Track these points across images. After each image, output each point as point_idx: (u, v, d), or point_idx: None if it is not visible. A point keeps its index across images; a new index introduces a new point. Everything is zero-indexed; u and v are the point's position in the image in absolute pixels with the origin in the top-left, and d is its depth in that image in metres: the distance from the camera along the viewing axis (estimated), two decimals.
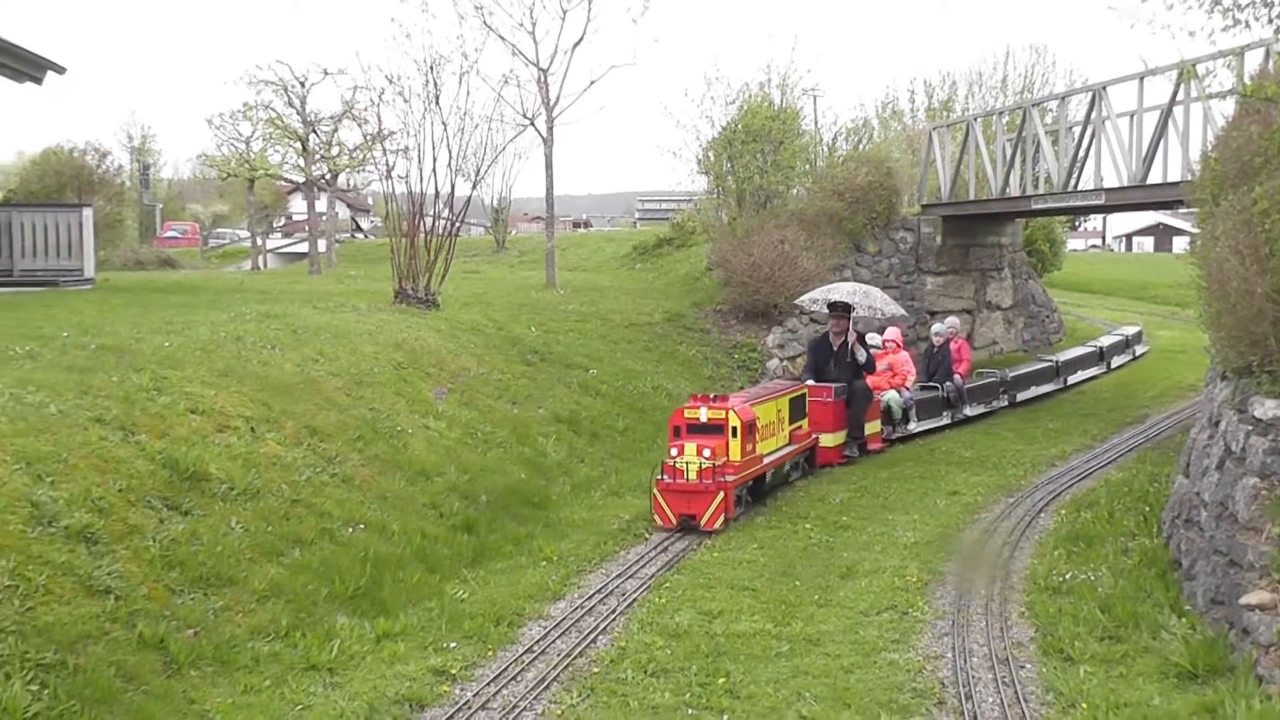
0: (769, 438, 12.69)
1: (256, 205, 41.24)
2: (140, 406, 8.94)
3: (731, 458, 11.40)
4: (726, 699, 6.64)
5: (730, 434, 11.42)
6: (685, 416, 11.56)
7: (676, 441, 11.40)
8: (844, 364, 15.24)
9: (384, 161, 21.04)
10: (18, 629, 5.66)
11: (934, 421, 17.53)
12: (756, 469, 12.06)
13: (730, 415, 11.45)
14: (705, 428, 11.45)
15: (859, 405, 15.19)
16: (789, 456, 13.34)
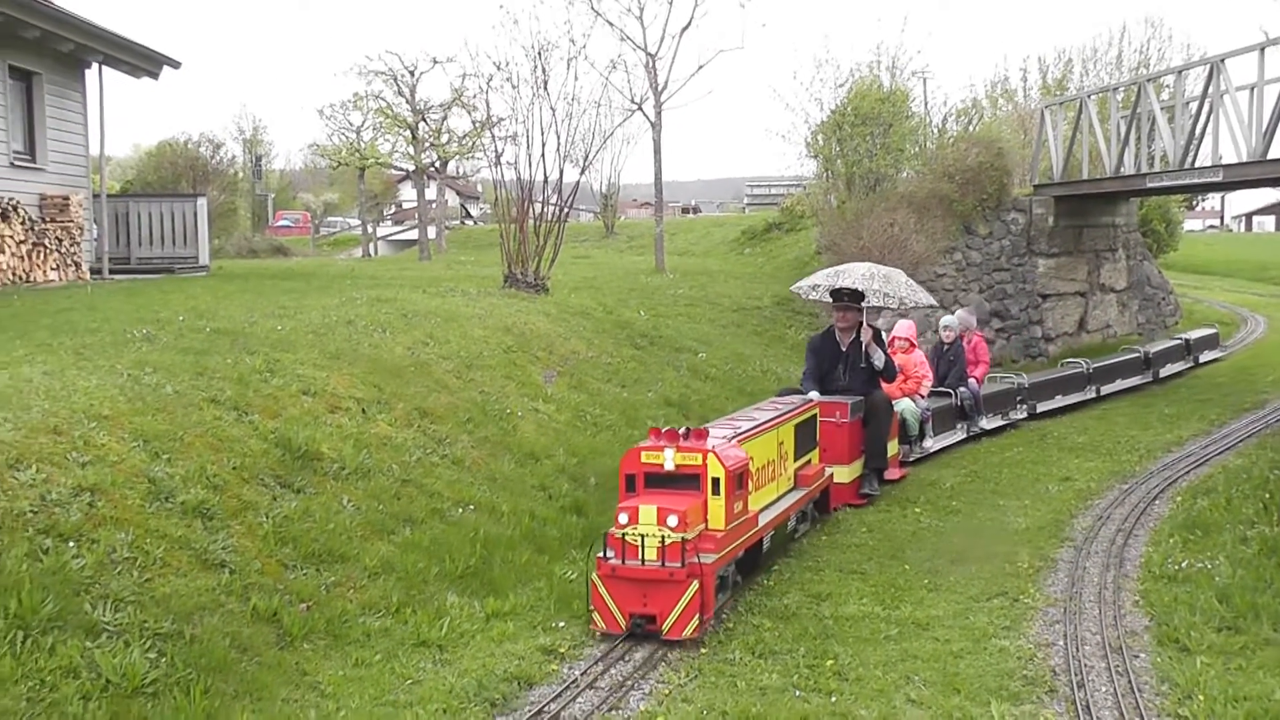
0: (768, 483, 9.18)
1: (367, 194, 42.06)
2: (254, 388, 9.23)
3: (712, 525, 7.72)
4: (835, 681, 6.67)
5: (710, 488, 7.71)
6: (643, 461, 7.83)
7: (629, 500, 7.68)
8: (856, 369, 12.12)
9: (493, 148, 21.30)
10: (136, 599, 5.92)
11: (948, 437, 14.76)
12: (749, 536, 8.29)
13: (710, 461, 7.74)
14: (672, 479, 7.78)
15: (880, 424, 12.01)
16: (796, 507, 9.72)
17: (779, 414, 9.82)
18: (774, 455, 9.41)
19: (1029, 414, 16.72)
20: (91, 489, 6.60)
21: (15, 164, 18.45)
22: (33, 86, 19.25)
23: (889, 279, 12.59)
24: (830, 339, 12.39)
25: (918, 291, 12.99)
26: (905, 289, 12.69)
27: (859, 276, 12.50)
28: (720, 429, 8.76)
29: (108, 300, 14.00)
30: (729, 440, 8.34)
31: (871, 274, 12.65)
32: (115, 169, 38.54)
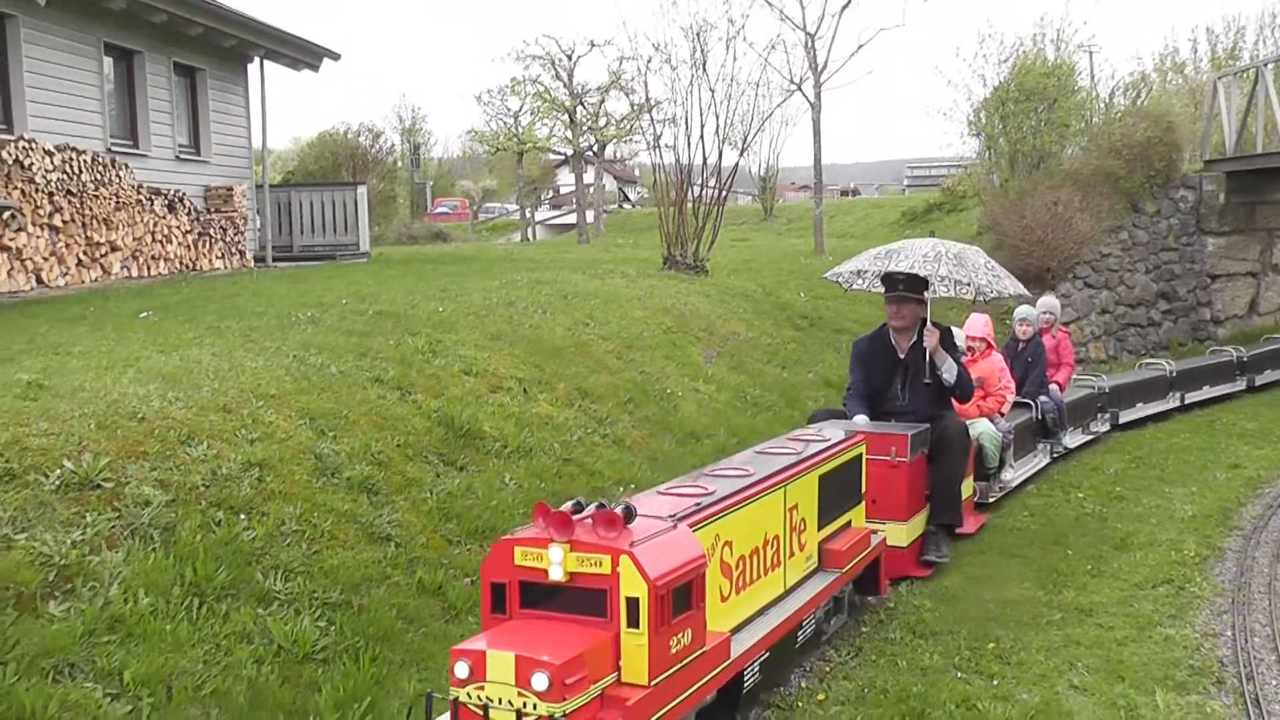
0: (762, 577, 6.03)
1: (524, 179, 42.69)
2: (416, 368, 9.51)
3: (627, 677, 4.63)
4: (996, 664, 6.62)
5: (624, 616, 4.61)
6: (517, 564, 4.78)
7: (482, 636, 4.69)
8: (919, 385, 9.06)
9: (651, 131, 21.48)
10: (305, 570, 6.17)
11: (1028, 464, 11.93)
12: (708, 680, 5.09)
13: (625, 569, 4.60)
14: (563, 596, 4.73)
15: (953, 462, 8.89)
16: (818, 602, 6.56)
17: (795, 461, 6.48)
18: (777, 528, 6.12)
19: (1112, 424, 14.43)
20: (260, 464, 6.89)
21: (180, 157, 19.28)
22: (196, 82, 20.09)
23: (961, 260, 9.29)
24: (884, 343, 9.31)
25: (1002, 277, 9.68)
26: (984, 273, 9.46)
27: (919, 257, 9.25)
28: (669, 498, 5.49)
29: (272, 286, 14.54)
30: (672, 524, 4.99)
31: (937, 254, 9.28)
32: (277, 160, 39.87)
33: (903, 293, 9.12)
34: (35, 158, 14.56)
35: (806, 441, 7.08)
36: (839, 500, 7.08)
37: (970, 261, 9.32)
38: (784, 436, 7.36)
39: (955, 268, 9.13)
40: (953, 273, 9.15)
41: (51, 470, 5.80)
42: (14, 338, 8.98)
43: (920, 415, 8.89)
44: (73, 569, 5.19)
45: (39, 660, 4.59)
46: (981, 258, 9.60)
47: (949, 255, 9.21)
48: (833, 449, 7.09)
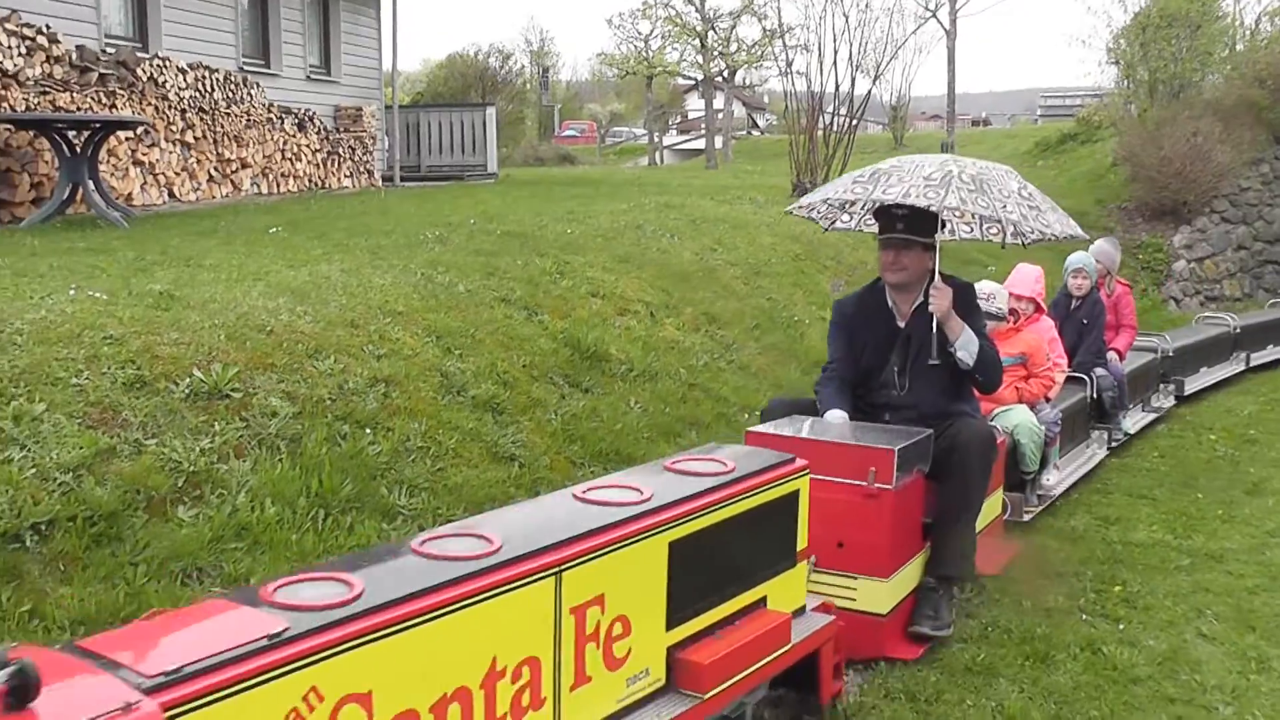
0: None
1: (654, 103, 42.47)
2: (543, 289, 9.50)
3: None
4: (1123, 608, 6.43)
5: None
6: None
7: None
8: (923, 369, 6.10)
9: (783, 57, 21.17)
10: (430, 486, 6.20)
11: (1078, 460, 9.26)
12: None
13: None
14: None
15: (966, 486, 5.91)
16: None
17: (611, 522, 3.60)
18: (530, 647, 3.23)
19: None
20: (386, 380, 6.93)
21: (311, 78, 19.48)
22: (329, 3, 20.23)
23: (982, 185, 6.11)
24: (877, 306, 6.35)
25: (1044, 210, 6.35)
26: (1018, 204, 6.21)
27: (919, 181, 6.04)
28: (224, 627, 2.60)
29: (400, 205, 14.66)
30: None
31: (946, 175, 6.06)
32: (406, 82, 40.09)
33: (903, 234, 5.99)
34: (169, 76, 14.81)
35: (682, 475, 4.12)
36: (735, 571, 4.20)
37: (996, 186, 6.12)
38: (662, 462, 4.42)
39: (973, 195, 5.93)
40: (969, 202, 5.90)
41: (181, 379, 5.89)
42: (148, 249, 9.15)
43: (926, 411, 5.95)
44: (201, 476, 5.26)
45: (168, 563, 4.67)
46: (1014, 181, 6.32)
47: (963, 177, 5.99)
48: (724, 491, 4.04)
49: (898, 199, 5.88)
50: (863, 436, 5.60)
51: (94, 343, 6.01)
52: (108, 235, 10.13)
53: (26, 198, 11.72)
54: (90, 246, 9.29)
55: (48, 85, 12.44)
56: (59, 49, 12.81)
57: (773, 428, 5.61)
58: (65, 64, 12.93)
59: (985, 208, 5.90)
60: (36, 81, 12.32)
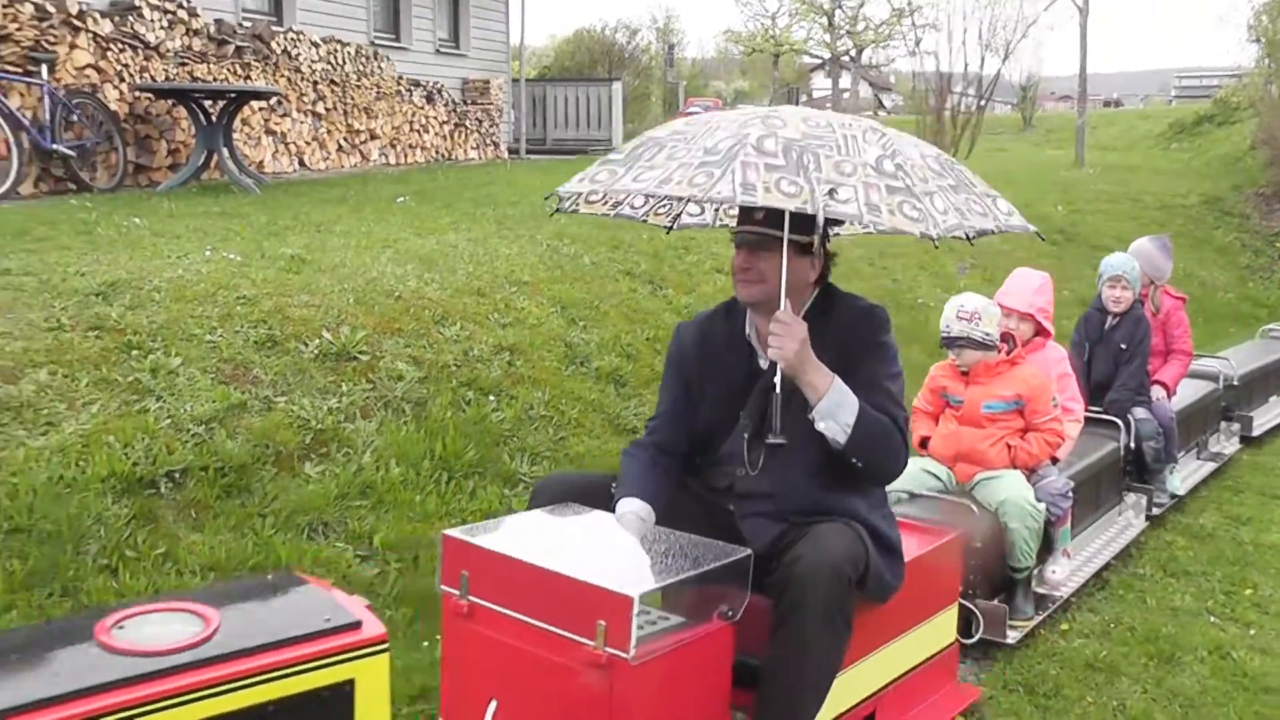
0: None
1: (779, 82, 42.24)
2: (668, 263, 9.52)
3: None
4: (1253, 612, 6.20)
5: None
6: None
7: None
8: (796, 432, 3.43)
9: (911, 36, 20.98)
10: (551, 455, 6.27)
11: (1101, 539, 6.74)
12: None
13: None
14: None
15: (806, 635, 3.28)
16: None
17: None
18: None
19: None
20: (511, 349, 7.01)
21: (440, 51, 19.71)
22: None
23: (803, 154, 3.23)
24: (727, 334, 3.83)
25: (935, 192, 3.37)
26: (871, 184, 3.22)
27: (697, 158, 3.25)
28: None
29: (525, 176, 14.79)
30: None
31: (736, 148, 3.22)
32: (533, 56, 40.37)
33: (758, 229, 3.57)
34: (302, 48, 15.13)
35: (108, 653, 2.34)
36: None
37: (828, 155, 3.28)
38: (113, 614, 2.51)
39: (777, 173, 3.17)
40: (771, 187, 3.14)
41: (311, 340, 6.02)
42: (280, 214, 9.35)
43: (786, 503, 3.62)
44: (328, 434, 5.38)
45: (295, 516, 4.79)
46: (873, 146, 3.41)
47: (763, 145, 3.24)
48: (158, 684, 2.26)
49: (649, 190, 3.33)
50: (612, 561, 3.23)
51: (228, 302, 6.17)
52: (240, 200, 10.38)
53: (164, 163, 12.06)
54: (224, 211, 9.52)
55: (187, 57, 12.79)
56: (198, 22, 13.17)
57: (485, 532, 3.40)
58: (204, 37, 13.29)
59: (796, 193, 3.12)
60: (176, 54, 12.68)
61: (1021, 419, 5.60)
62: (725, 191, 3.10)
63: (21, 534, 4.19)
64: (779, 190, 3.14)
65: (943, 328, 5.56)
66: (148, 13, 12.30)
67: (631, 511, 3.50)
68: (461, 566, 3.26)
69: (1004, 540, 5.37)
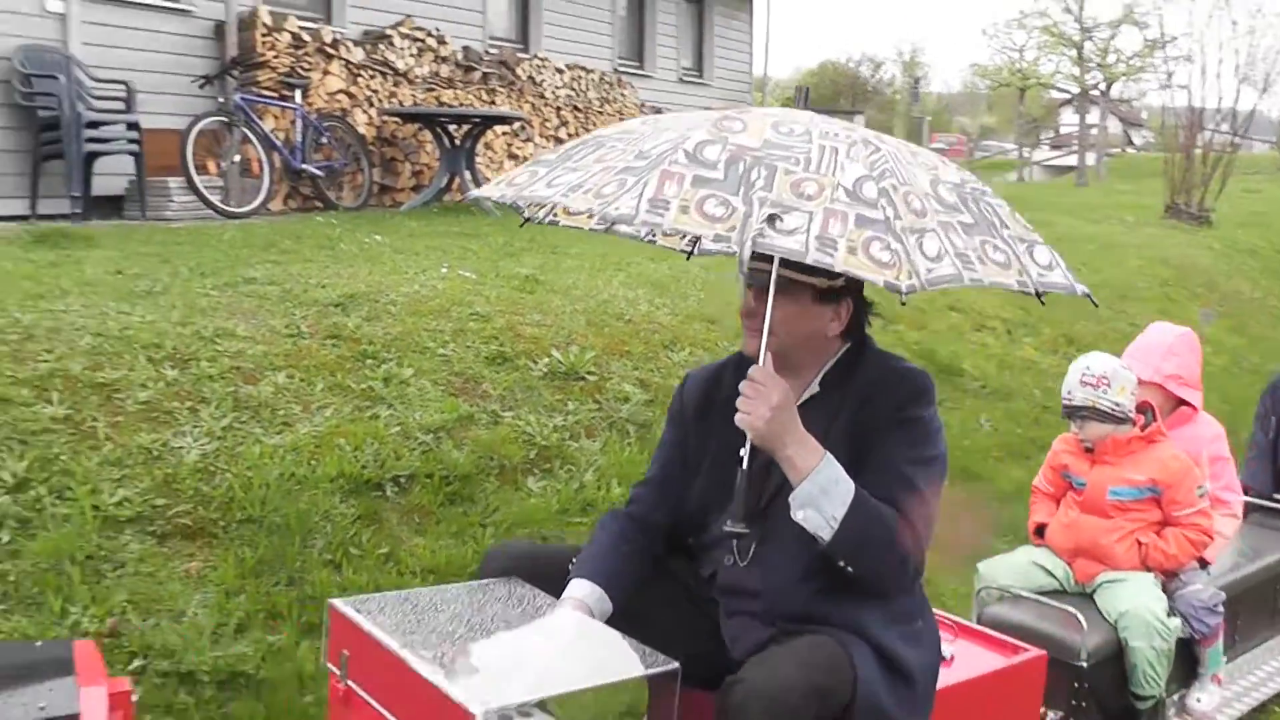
0: None
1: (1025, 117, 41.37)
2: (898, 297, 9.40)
3: None
4: None
5: None
6: None
7: None
8: (776, 519, 2.85)
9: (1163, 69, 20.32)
10: None
11: (1272, 666, 5.18)
12: None
13: None
14: None
15: None
16: None
17: None
18: None
19: None
20: None
21: (683, 79, 19.96)
22: (704, 7, 20.70)
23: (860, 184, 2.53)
24: (733, 393, 2.81)
25: (993, 243, 2.68)
26: (930, 225, 2.56)
27: (625, 160, 2.59)
28: None
29: None
30: None
31: (786, 154, 2.56)
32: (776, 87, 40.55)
33: (761, 265, 2.81)
34: (547, 75, 15.52)
35: None
36: None
37: (832, 167, 2.56)
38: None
39: (761, 180, 2.49)
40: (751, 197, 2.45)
41: (540, 358, 6.15)
42: (516, 236, 9.58)
43: (774, 604, 2.90)
44: (552, 450, 5.47)
45: (515, 528, 4.88)
46: (923, 171, 2.77)
47: (700, 154, 2.54)
48: None
49: (555, 199, 2.65)
50: (500, 661, 2.55)
51: (461, 317, 6.36)
52: (479, 222, 10.67)
53: (408, 184, 12.54)
54: (463, 231, 9.81)
55: (434, 83, 13.27)
56: (446, 49, 13.65)
57: (376, 608, 2.85)
58: (451, 63, 13.77)
59: (722, 216, 2.43)
60: (424, 79, 13.17)
61: (1158, 510, 4.49)
62: (625, 208, 2.46)
63: (253, 524, 4.40)
64: (699, 211, 2.45)
65: (1064, 394, 4.60)
66: (398, 41, 12.83)
67: (577, 598, 2.84)
68: (343, 644, 2.78)
69: (1124, 662, 4.31)
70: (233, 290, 6.33)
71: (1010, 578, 4.52)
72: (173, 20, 10.75)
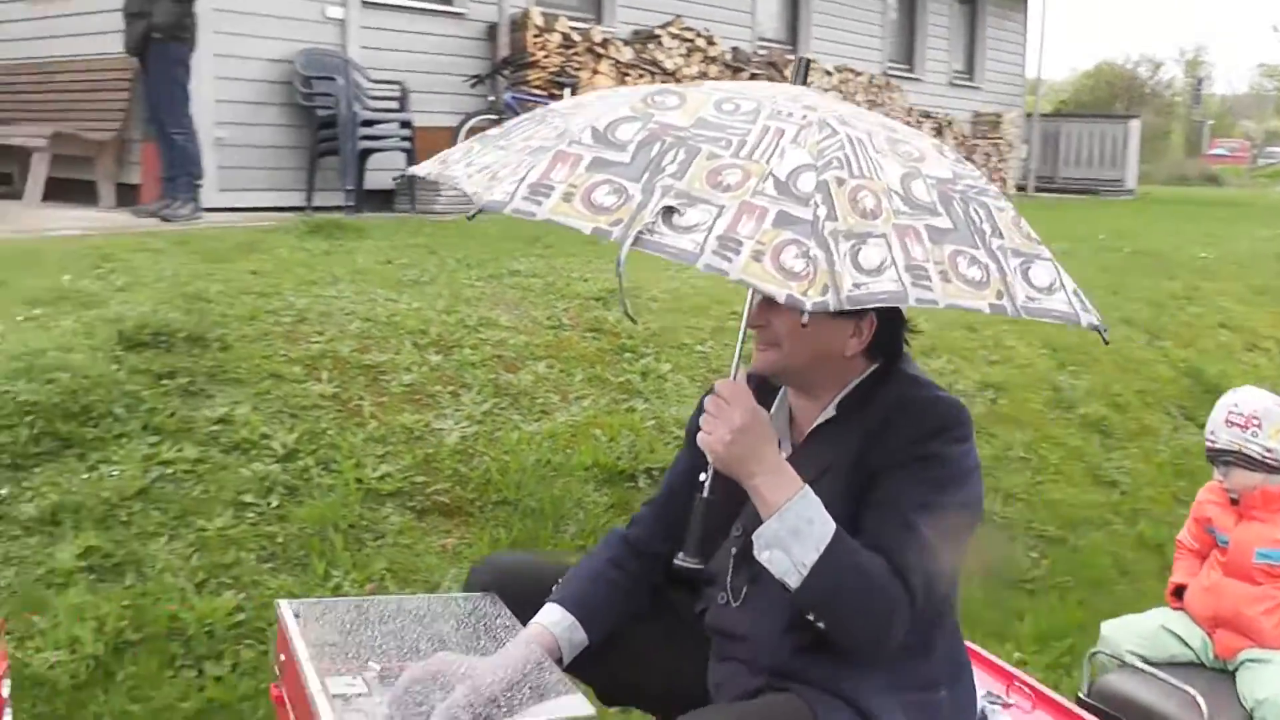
0: None
1: None
2: (1169, 313, 9.08)
3: None
4: None
5: None
6: None
7: None
8: None
9: None
10: (1026, 498, 6.12)
11: None
12: None
13: None
14: None
15: None
16: None
17: None
18: None
19: None
20: (996, 386, 6.93)
21: (953, 83, 19.65)
22: (977, 8, 20.33)
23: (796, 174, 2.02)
24: None
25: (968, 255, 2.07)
26: (880, 229, 2.00)
27: (638, 140, 2.11)
28: None
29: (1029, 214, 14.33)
30: None
31: (717, 135, 2.09)
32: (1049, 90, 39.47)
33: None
34: (815, 77, 15.48)
35: None
36: None
37: (771, 152, 2.08)
38: None
39: (675, 164, 2.05)
40: (653, 185, 2.03)
41: None
42: None
43: (760, 654, 2.44)
44: None
45: None
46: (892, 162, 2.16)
47: (686, 131, 2.11)
48: None
49: (459, 183, 2.28)
50: (375, 694, 2.30)
51: (721, 316, 6.46)
52: None
53: None
54: None
55: None
56: (715, 50, 13.78)
57: (320, 614, 2.58)
58: (719, 64, 13.89)
59: (610, 207, 2.06)
60: (692, 80, 13.34)
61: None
62: (499, 194, 2.09)
63: (508, 506, 4.59)
64: (584, 200, 2.05)
65: (1208, 434, 3.86)
66: (667, 40, 13.03)
67: (544, 625, 2.48)
68: (282, 648, 2.54)
69: None
70: (497, 281, 6.58)
71: (1135, 644, 3.83)
72: (446, 23, 11.20)
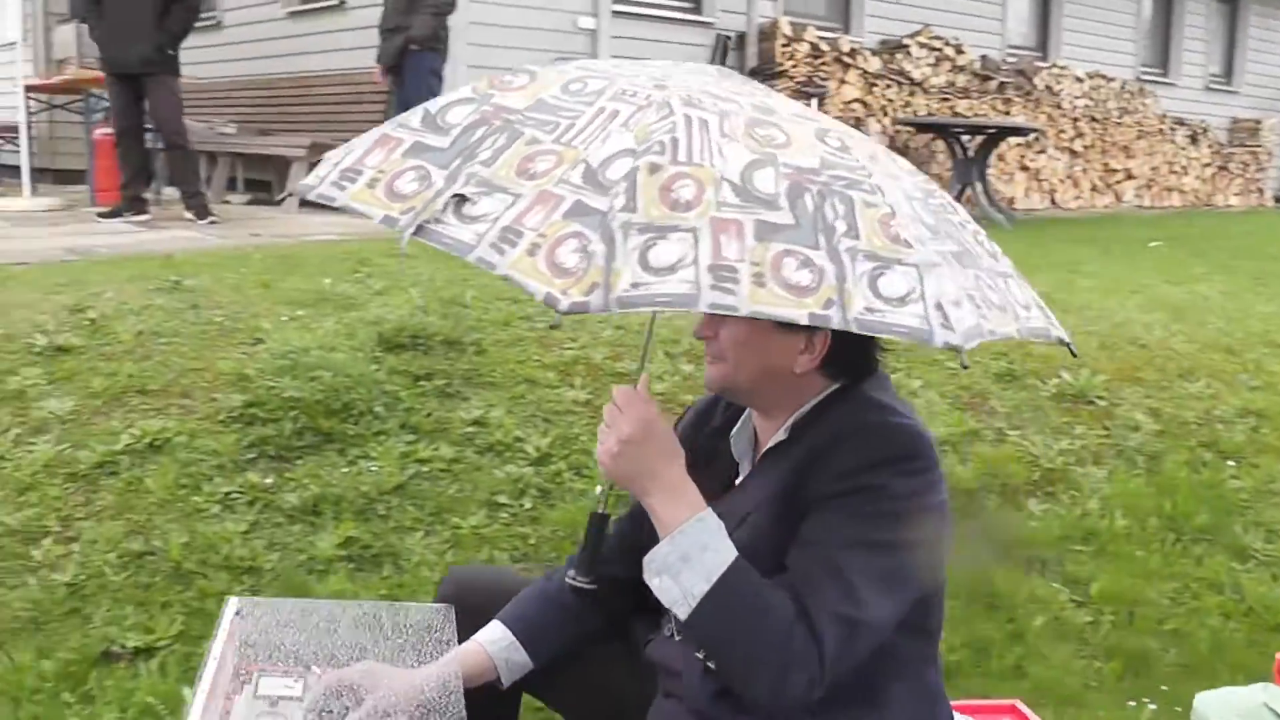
0: None
1: None
2: None
3: None
4: None
5: None
6: None
7: None
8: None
9: None
10: None
11: None
12: None
13: None
14: None
15: None
16: None
17: None
18: None
19: None
20: (1257, 414, 6.65)
21: (1210, 87, 18.94)
22: (1238, 9, 19.52)
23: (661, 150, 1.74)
24: (718, 429, 2.37)
25: (886, 269, 1.69)
26: (785, 218, 1.68)
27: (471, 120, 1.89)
28: None
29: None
30: None
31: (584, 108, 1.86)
32: None
33: None
34: (1065, 84, 15.18)
35: None
36: None
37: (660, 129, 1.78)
38: None
39: (492, 146, 1.83)
40: (460, 171, 1.79)
41: (1049, 378, 6.11)
42: (1029, 252, 9.49)
43: (689, 692, 2.18)
44: (1056, 474, 5.44)
45: (1013, 549, 4.91)
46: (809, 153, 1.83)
47: (554, 99, 1.91)
48: None
49: None
50: (267, 704, 2.23)
51: None
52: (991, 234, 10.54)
53: None
54: None
55: (949, 92, 13.31)
56: (963, 58, 13.65)
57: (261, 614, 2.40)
58: (968, 73, 13.76)
59: (409, 194, 1.81)
60: (939, 89, 13.22)
61: None
62: (311, 179, 1.95)
63: None
64: (386, 188, 1.83)
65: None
66: (915, 50, 12.97)
67: (480, 643, 2.35)
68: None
69: None
70: None
71: (1231, 715, 3.18)
72: (696, 32, 11.41)
